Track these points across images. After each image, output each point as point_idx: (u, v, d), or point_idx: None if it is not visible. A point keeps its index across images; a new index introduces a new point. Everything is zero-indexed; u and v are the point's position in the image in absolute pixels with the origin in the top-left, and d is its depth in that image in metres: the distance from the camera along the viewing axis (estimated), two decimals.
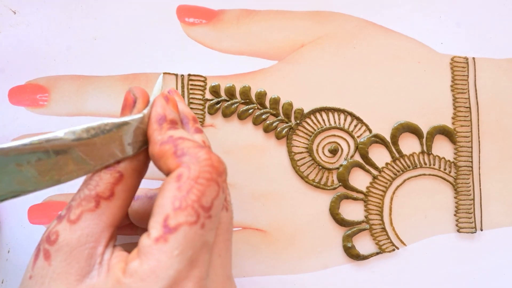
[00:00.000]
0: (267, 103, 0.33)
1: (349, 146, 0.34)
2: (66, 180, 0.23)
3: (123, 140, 0.24)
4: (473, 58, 0.34)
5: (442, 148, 0.34)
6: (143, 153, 0.25)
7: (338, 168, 0.34)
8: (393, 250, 0.33)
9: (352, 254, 0.33)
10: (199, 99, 0.33)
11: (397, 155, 0.34)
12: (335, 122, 0.34)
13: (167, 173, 0.23)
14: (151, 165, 0.25)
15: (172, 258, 0.21)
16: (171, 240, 0.21)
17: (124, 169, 0.24)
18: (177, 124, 0.25)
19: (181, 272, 0.21)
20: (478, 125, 0.34)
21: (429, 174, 0.34)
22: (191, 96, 0.33)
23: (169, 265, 0.21)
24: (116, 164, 0.24)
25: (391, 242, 0.33)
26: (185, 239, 0.21)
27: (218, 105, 0.33)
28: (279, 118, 0.33)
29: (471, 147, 0.34)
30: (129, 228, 0.30)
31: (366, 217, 0.33)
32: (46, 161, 0.22)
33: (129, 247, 0.24)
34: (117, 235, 0.30)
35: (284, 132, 0.33)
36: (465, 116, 0.34)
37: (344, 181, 0.33)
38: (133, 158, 0.24)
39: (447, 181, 0.34)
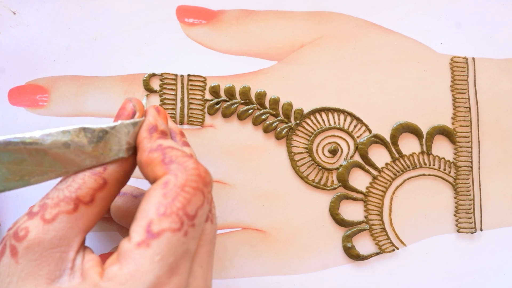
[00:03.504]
0: (267, 104, 0.33)
1: (348, 146, 0.34)
2: (36, 182, 0.23)
3: (104, 146, 0.23)
4: (473, 58, 0.34)
5: (442, 148, 0.34)
6: (129, 164, 0.25)
7: (338, 169, 0.34)
8: (393, 250, 0.33)
9: (352, 254, 0.33)
10: (199, 99, 0.33)
11: (397, 155, 0.34)
12: (334, 123, 0.34)
13: (153, 180, 0.23)
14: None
15: (153, 263, 0.21)
16: (153, 245, 0.21)
17: (109, 176, 0.24)
18: (167, 135, 0.25)
19: (161, 278, 0.21)
20: (478, 125, 0.34)
21: (429, 174, 0.34)
22: (190, 96, 0.33)
23: (149, 270, 0.21)
24: (102, 170, 0.23)
25: (391, 242, 0.33)
26: (167, 246, 0.21)
27: (218, 106, 0.33)
28: (279, 118, 0.33)
29: (471, 147, 0.34)
30: (105, 220, 0.31)
31: (366, 217, 0.33)
32: (19, 161, 0.22)
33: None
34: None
35: (283, 132, 0.33)
36: (464, 116, 0.34)
37: (344, 181, 0.33)
38: (119, 167, 0.24)
39: (447, 181, 0.34)
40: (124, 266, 0.21)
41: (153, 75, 0.33)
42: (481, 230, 0.34)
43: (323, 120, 0.34)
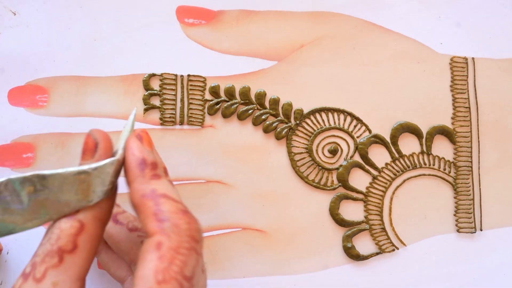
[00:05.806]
0: (267, 104, 0.33)
1: (348, 146, 0.34)
2: (20, 230, 0.22)
3: (79, 190, 0.22)
4: (473, 58, 0.34)
5: (442, 148, 0.34)
6: (105, 200, 0.23)
7: (337, 169, 0.34)
8: (393, 250, 0.33)
9: (352, 254, 0.33)
10: (199, 99, 0.33)
11: (396, 155, 0.34)
12: (334, 123, 0.34)
13: (144, 229, 0.22)
14: None
15: None
16: None
17: (85, 218, 0.22)
18: (157, 167, 0.24)
19: None
20: (478, 125, 0.34)
21: (429, 174, 0.34)
22: (190, 96, 0.33)
23: None
24: (75, 213, 0.22)
25: (391, 242, 0.33)
26: None
27: (218, 106, 0.33)
28: (279, 118, 0.33)
29: (471, 147, 0.34)
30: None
31: (366, 217, 0.33)
32: (3, 210, 0.22)
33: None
34: None
35: (283, 132, 0.33)
36: (464, 116, 0.34)
37: (344, 182, 0.33)
38: (93, 205, 0.23)
39: (447, 181, 0.34)
40: None
41: (153, 75, 0.33)
42: (481, 230, 0.34)
43: (323, 120, 0.34)
